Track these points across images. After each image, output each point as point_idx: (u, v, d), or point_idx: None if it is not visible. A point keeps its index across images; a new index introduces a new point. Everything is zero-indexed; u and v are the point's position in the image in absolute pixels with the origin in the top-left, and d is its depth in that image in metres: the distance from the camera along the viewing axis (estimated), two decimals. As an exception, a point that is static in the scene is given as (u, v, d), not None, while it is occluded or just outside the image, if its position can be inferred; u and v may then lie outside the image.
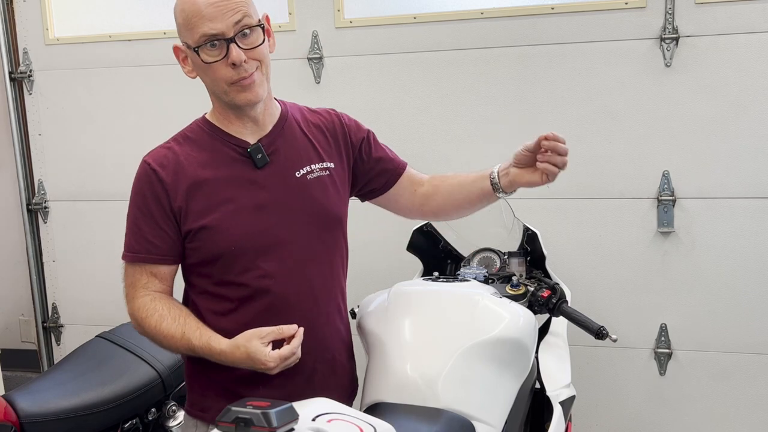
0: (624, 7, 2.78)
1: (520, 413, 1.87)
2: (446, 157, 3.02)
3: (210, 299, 1.69)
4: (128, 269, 1.69)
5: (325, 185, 1.74)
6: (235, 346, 1.56)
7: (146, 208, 1.65)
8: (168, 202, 1.64)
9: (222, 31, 1.56)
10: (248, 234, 1.64)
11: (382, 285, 1.97)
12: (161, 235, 1.64)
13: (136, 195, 1.67)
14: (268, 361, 1.52)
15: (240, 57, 1.58)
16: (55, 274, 3.64)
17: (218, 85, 1.63)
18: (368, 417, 1.41)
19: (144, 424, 2.30)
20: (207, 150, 1.68)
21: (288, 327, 1.56)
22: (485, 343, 1.74)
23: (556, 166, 1.69)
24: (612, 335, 1.91)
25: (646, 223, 2.87)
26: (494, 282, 2.13)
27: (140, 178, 1.67)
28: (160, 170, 1.64)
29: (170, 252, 1.66)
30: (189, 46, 1.62)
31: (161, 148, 1.70)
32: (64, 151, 3.52)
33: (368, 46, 3.04)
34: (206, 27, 1.56)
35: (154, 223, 1.64)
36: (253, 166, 1.67)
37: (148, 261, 1.66)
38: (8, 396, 2.07)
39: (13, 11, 3.49)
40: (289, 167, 1.71)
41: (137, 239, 1.66)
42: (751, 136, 2.74)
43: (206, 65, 1.60)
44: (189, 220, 1.64)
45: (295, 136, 1.75)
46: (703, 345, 2.88)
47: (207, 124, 1.72)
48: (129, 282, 1.68)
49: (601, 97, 2.85)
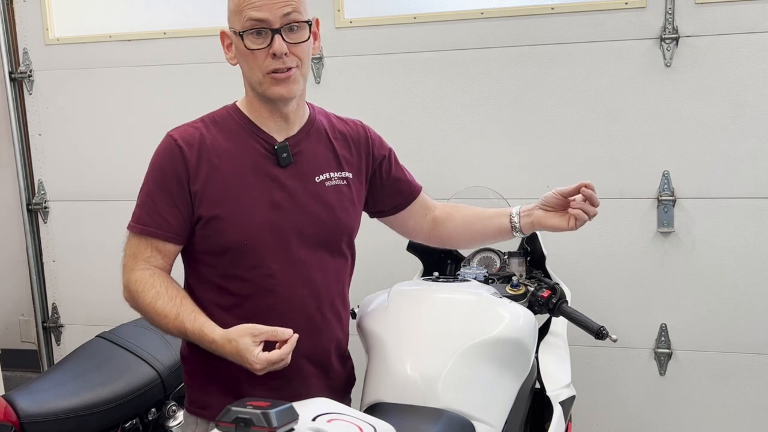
0: (624, 7, 2.78)
1: (520, 413, 1.87)
2: (446, 157, 3.02)
3: (213, 290, 1.67)
4: (133, 240, 1.66)
5: (341, 194, 1.74)
6: (226, 339, 1.53)
7: (164, 183, 1.62)
8: (187, 182, 1.62)
9: (269, 20, 1.57)
10: (261, 231, 1.63)
11: (382, 285, 1.97)
12: (175, 213, 1.62)
13: (156, 168, 1.64)
14: (255, 363, 1.50)
15: (282, 48, 1.57)
16: (55, 274, 3.64)
17: (254, 73, 1.62)
18: (368, 417, 1.41)
19: (144, 424, 2.30)
20: (233, 139, 1.67)
21: (283, 331, 1.53)
22: (485, 343, 1.74)
23: (587, 214, 1.75)
24: (612, 335, 1.91)
25: (646, 223, 2.87)
26: (494, 282, 2.13)
27: (163, 153, 1.64)
28: (185, 148, 1.62)
29: (180, 231, 1.64)
30: (235, 32, 1.61)
31: (189, 127, 1.68)
32: (64, 151, 3.52)
33: (368, 46, 3.05)
34: (254, 13, 1.57)
35: (170, 199, 1.62)
36: (276, 163, 1.67)
37: (157, 236, 1.63)
38: (8, 396, 2.07)
39: (13, 11, 3.49)
40: (309, 171, 1.71)
41: (149, 213, 1.63)
42: (751, 136, 2.74)
43: (248, 51, 1.59)
44: (203, 206, 1.62)
45: (320, 142, 1.75)
46: (703, 345, 2.89)
47: (238, 112, 1.71)
48: (131, 252, 1.65)
49: (601, 97, 2.85)
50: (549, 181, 2.94)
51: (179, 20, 3.30)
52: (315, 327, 1.70)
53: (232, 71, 1.79)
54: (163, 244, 1.64)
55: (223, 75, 3.18)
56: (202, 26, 3.24)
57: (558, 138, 2.91)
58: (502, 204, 2.41)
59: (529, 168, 2.95)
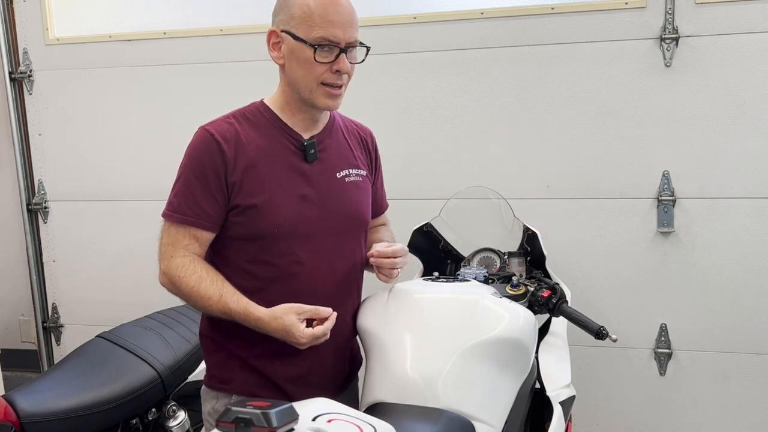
0: (624, 7, 2.78)
1: (520, 413, 1.87)
2: (446, 158, 3.02)
3: (240, 275, 1.75)
4: (171, 229, 1.73)
5: (360, 189, 1.88)
6: (272, 316, 1.65)
7: (203, 175, 1.70)
8: (225, 174, 1.70)
9: (340, 40, 1.69)
10: (292, 220, 1.73)
11: (382, 285, 1.97)
12: (212, 203, 1.71)
13: (194, 161, 1.72)
14: (301, 337, 1.63)
15: (347, 67, 1.72)
16: (55, 274, 3.64)
17: (308, 81, 1.71)
18: (368, 417, 1.41)
19: (144, 424, 2.30)
20: (265, 135, 1.76)
21: (324, 309, 1.67)
22: (485, 343, 1.74)
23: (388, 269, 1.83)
24: (612, 335, 1.91)
25: (646, 223, 2.87)
26: (494, 282, 2.13)
27: (200, 146, 1.72)
28: (222, 142, 1.70)
29: (217, 220, 1.73)
30: (298, 38, 1.68)
31: (223, 122, 1.75)
32: (64, 151, 3.52)
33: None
34: (329, 31, 1.67)
35: (208, 190, 1.70)
36: (304, 159, 1.78)
37: (196, 225, 1.71)
38: (8, 396, 2.07)
39: (13, 11, 3.50)
40: (332, 167, 1.82)
41: (188, 203, 1.71)
42: (751, 136, 2.74)
43: (312, 61, 1.68)
44: (240, 196, 1.71)
45: (339, 140, 1.88)
46: (703, 345, 2.89)
47: (267, 110, 1.80)
48: (169, 241, 1.73)
49: (601, 97, 2.85)
50: (549, 181, 2.95)
51: (179, 20, 3.30)
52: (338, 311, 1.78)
53: (233, 71, 1.80)
54: (201, 232, 1.73)
55: (223, 75, 3.19)
56: (202, 26, 3.24)
57: (558, 138, 2.91)
58: (503, 204, 2.42)
59: (529, 168, 2.95)
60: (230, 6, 3.21)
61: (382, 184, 2.07)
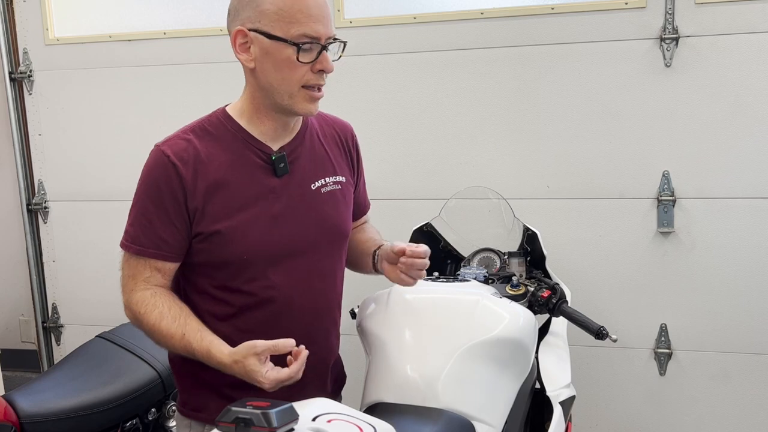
0: (624, 7, 2.78)
1: (520, 413, 1.87)
2: (446, 157, 3.02)
3: (210, 301, 1.64)
4: (130, 260, 1.60)
5: (336, 200, 1.72)
6: (233, 360, 1.49)
7: (160, 201, 1.56)
8: (184, 200, 1.56)
9: (321, 36, 1.53)
10: (261, 244, 1.60)
11: (382, 285, 1.97)
12: (173, 232, 1.57)
13: (150, 186, 1.58)
14: (264, 383, 1.46)
15: (331, 66, 1.56)
16: (55, 274, 3.64)
17: (288, 84, 1.55)
18: (368, 417, 1.41)
19: (144, 424, 2.30)
20: (228, 150, 1.60)
21: (284, 343, 1.47)
22: (485, 343, 1.74)
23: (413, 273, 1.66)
24: (612, 335, 1.91)
25: (646, 223, 2.87)
26: (494, 282, 2.13)
27: (156, 169, 1.57)
28: (180, 165, 1.55)
29: (178, 250, 1.59)
30: (273, 37, 1.51)
31: (179, 140, 1.59)
32: (64, 151, 3.52)
33: (368, 46, 3.04)
34: (312, 27, 1.51)
35: (167, 218, 1.56)
36: (273, 174, 1.62)
37: (156, 257, 1.58)
38: (8, 396, 2.07)
39: (13, 11, 3.49)
40: (305, 179, 1.67)
41: (146, 233, 1.57)
42: (751, 136, 2.74)
43: (291, 62, 1.52)
44: (203, 223, 1.57)
45: (314, 146, 1.71)
46: (703, 345, 2.89)
47: (230, 121, 1.63)
48: (129, 273, 1.61)
49: (601, 97, 2.85)
50: (549, 182, 2.95)
51: (179, 20, 3.30)
52: (314, 334, 1.68)
53: (233, 71, 1.79)
54: (162, 263, 1.60)
55: (223, 75, 3.19)
56: (202, 26, 3.24)
57: (558, 138, 2.91)
58: (503, 204, 2.42)
59: (529, 168, 2.95)
60: (230, 6, 3.21)
61: (364, 184, 1.91)
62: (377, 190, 2.04)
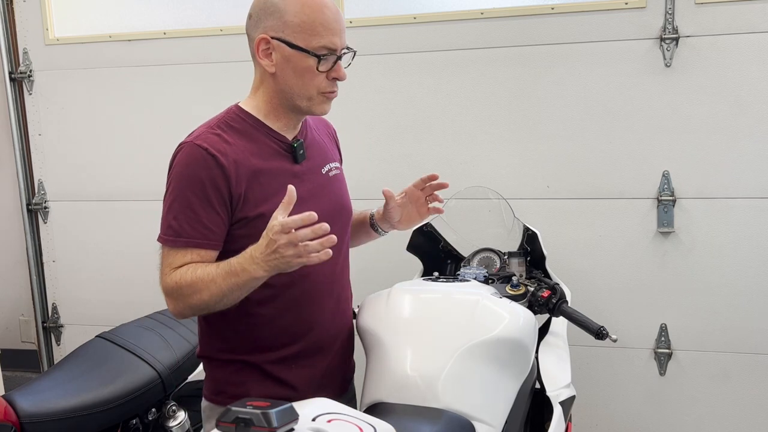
0: (624, 7, 2.78)
1: (520, 413, 1.87)
2: (446, 157, 3.02)
3: None
4: (174, 253, 1.63)
5: (341, 182, 1.88)
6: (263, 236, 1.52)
7: (203, 193, 1.62)
8: (227, 188, 1.63)
9: (338, 48, 1.66)
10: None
11: (382, 285, 1.97)
12: (217, 221, 1.63)
13: (190, 179, 1.63)
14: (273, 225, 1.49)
15: (344, 75, 1.70)
16: (55, 274, 3.64)
17: (307, 90, 1.68)
18: (368, 417, 1.41)
19: (144, 424, 2.30)
20: (253, 141, 1.70)
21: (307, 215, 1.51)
22: (485, 343, 1.74)
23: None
24: (612, 335, 1.91)
25: (646, 223, 2.87)
26: (494, 282, 2.13)
27: (195, 162, 1.63)
28: (219, 156, 1.62)
29: (223, 238, 1.66)
30: (296, 47, 1.63)
31: (209, 134, 1.67)
32: (64, 151, 3.52)
33: (368, 46, 3.04)
34: (331, 40, 1.64)
35: (212, 208, 1.62)
36: (293, 160, 1.74)
37: (204, 246, 1.63)
38: (8, 396, 2.07)
39: (13, 11, 3.50)
40: (317, 164, 1.81)
41: (192, 225, 1.62)
42: (750, 136, 2.74)
43: (311, 71, 1.65)
44: (247, 207, 1.65)
45: (314, 137, 1.85)
46: (703, 345, 2.89)
47: (247, 115, 1.73)
48: (171, 264, 1.64)
49: (601, 97, 2.85)
50: (549, 181, 2.95)
51: (179, 20, 3.30)
52: (341, 306, 1.83)
53: (233, 71, 1.80)
54: (206, 252, 1.64)
55: (223, 75, 3.19)
56: (202, 26, 3.24)
57: (558, 138, 2.91)
58: (503, 204, 2.42)
59: (529, 168, 2.95)
60: (230, 6, 3.21)
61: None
62: (377, 190, 2.03)
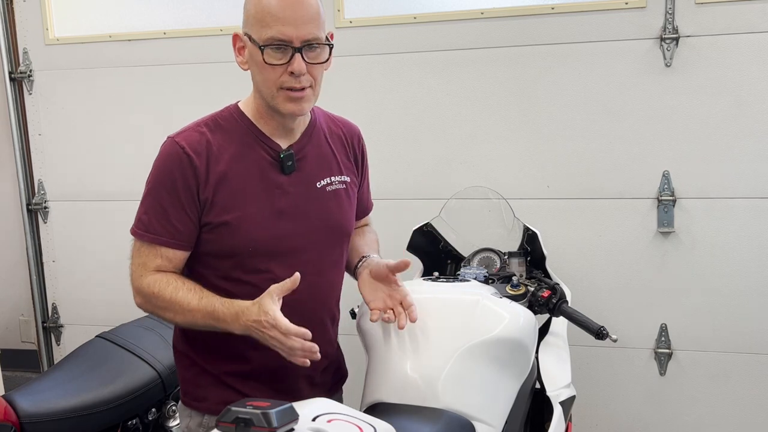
0: (624, 7, 2.78)
1: (520, 413, 1.87)
2: (446, 158, 3.02)
3: (215, 292, 1.64)
4: (142, 248, 1.64)
5: (341, 199, 1.76)
6: (253, 302, 1.53)
7: (174, 191, 1.60)
8: (197, 190, 1.61)
9: (291, 39, 1.55)
10: (267, 238, 1.64)
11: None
12: (185, 221, 1.61)
13: (164, 175, 1.62)
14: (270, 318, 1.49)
15: (302, 69, 1.56)
16: (55, 274, 3.64)
17: (267, 86, 1.60)
18: (368, 417, 1.41)
19: (144, 424, 2.30)
20: (239, 144, 1.65)
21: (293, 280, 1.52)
22: (485, 343, 1.74)
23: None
24: (612, 335, 1.91)
25: (646, 223, 2.87)
26: (494, 282, 2.13)
27: (170, 159, 1.62)
28: (194, 156, 1.60)
29: (190, 239, 1.64)
30: (253, 40, 1.58)
31: (193, 132, 1.65)
32: (64, 151, 3.52)
33: (368, 46, 3.04)
34: (277, 30, 1.54)
35: (181, 207, 1.61)
36: (281, 170, 1.67)
37: (169, 245, 1.62)
38: (8, 396, 2.07)
39: (13, 11, 3.49)
40: (312, 177, 1.72)
41: (160, 221, 1.61)
42: (750, 136, 2.74)
43: (264, 64, 1.57)
44: (212, 213, 1.62)
45: (321, 145, 1.75)
46: (703, 345, 2.88)
47: (242, 116, 1.69)
48: (140, 261, 1.64)
49: (601, 97, 2.85)
50: (549, 182, 2.95)
51: (179, 20, 3.30)
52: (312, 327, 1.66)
53: (232, 71, 1.79)
54: (174, 252, 1.63)
55: (223, 75, 3.19)
56: (202, 26, 3.24)
57: (558, 138, 2.91)
58: (503, 204, 2.42)
59: (529, 168, 2.95)
60: (230, 6, 3.21)
61: (369, 186, 1.95)
62: (377, 190, 2.04)
